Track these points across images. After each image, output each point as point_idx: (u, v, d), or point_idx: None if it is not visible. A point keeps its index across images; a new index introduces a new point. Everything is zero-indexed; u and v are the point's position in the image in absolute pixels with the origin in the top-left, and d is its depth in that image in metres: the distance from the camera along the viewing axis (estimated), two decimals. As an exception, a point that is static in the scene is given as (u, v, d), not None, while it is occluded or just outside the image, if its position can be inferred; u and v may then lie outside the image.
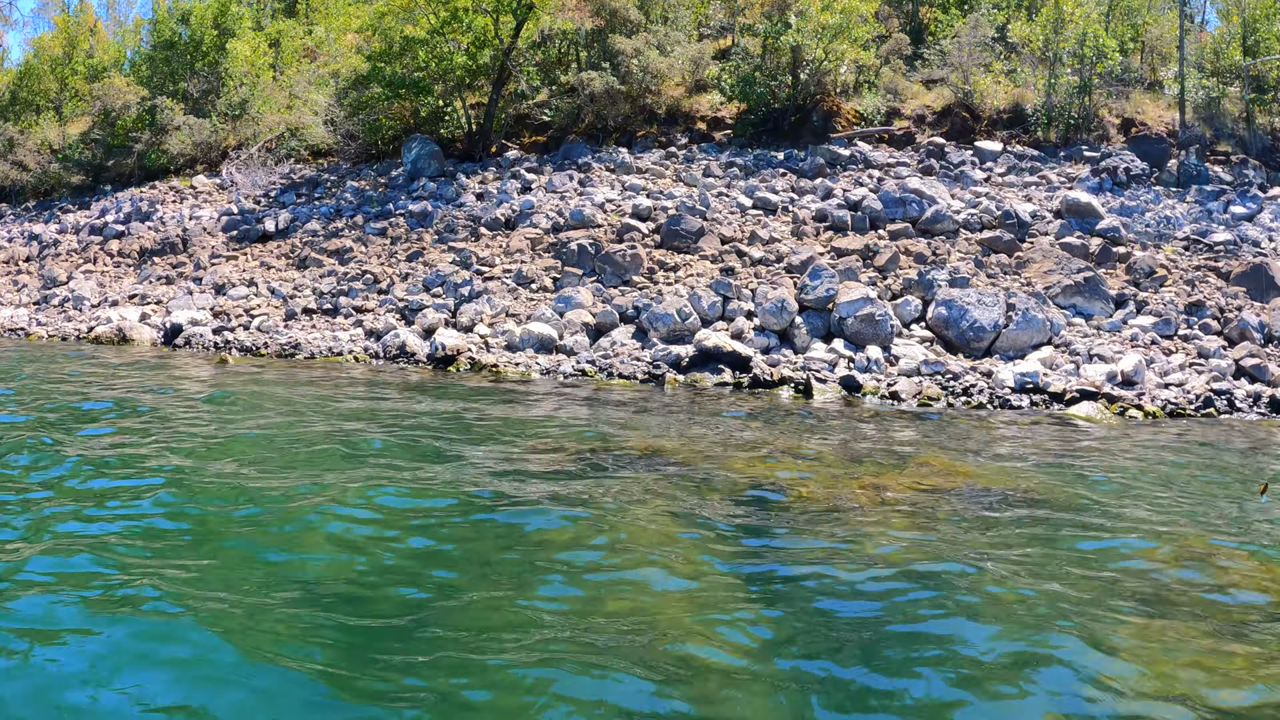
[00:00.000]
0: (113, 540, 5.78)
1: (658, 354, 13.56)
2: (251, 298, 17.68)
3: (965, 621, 5.04)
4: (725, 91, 23.07)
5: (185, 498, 6.70)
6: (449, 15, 22.04)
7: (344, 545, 5.87)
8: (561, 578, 5.44)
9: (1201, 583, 5.79)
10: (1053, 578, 5.72)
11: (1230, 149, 21.67)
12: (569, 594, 5.23)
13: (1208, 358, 14.06)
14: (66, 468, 7.41)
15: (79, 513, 6.29)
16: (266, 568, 5.48)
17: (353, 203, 21.34)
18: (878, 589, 5.45)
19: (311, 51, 30.14)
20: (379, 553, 5.77)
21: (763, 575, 5.66)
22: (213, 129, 25.84)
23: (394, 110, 23.56)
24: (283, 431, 9.00)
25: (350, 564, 5.59)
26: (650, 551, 5.88)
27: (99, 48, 32.94)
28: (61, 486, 6.92)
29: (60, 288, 20.41)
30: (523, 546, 5.97)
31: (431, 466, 7.80)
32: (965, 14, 25.64)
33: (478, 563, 5.68)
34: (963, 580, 5.58)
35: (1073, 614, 5.16)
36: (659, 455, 8.50)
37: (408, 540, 5.99)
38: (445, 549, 5.91)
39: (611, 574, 5.54)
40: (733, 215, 18.19)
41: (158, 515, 6.29)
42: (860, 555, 5.99)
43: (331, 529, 6.10)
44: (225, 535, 6.04)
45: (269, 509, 6.53)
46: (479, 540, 6.09)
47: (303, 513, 6.41)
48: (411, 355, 14.50)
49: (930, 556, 6.01)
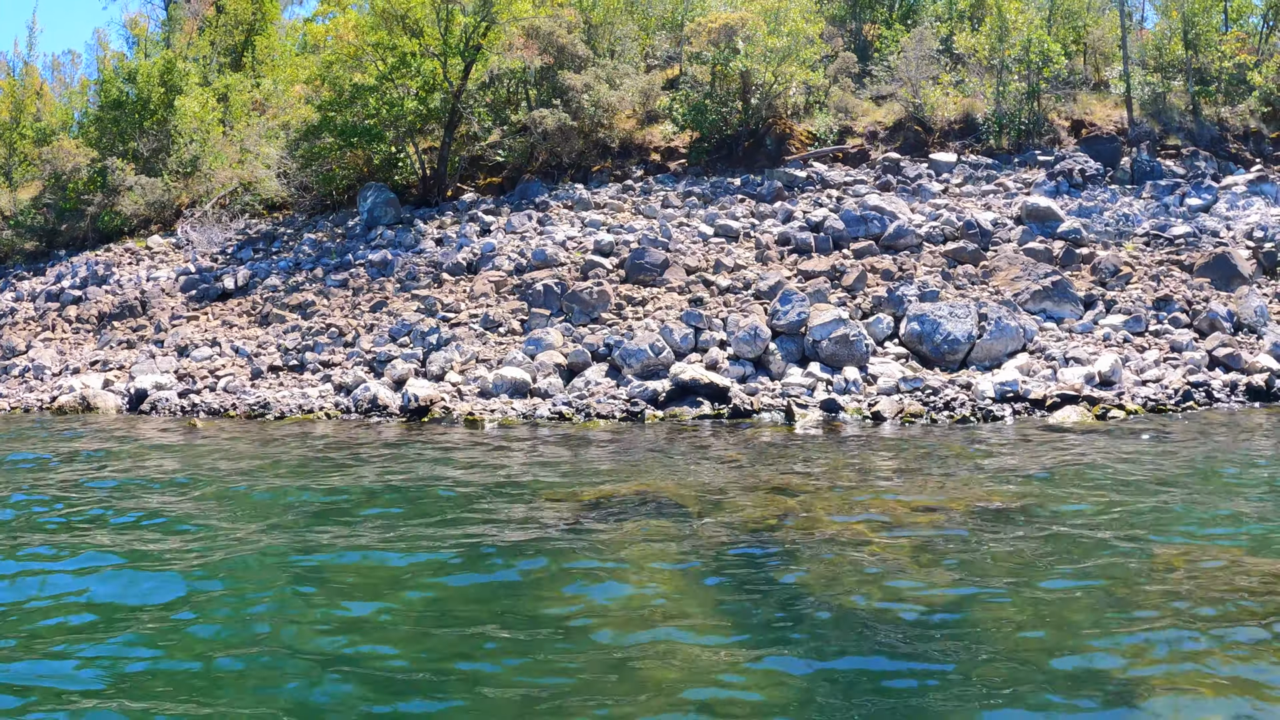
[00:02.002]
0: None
1: (634, 391, 13.41)
2: (216, 358, 17.33)
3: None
4: (677, 121, 23.09)
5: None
6: (397, 61, 21.90)
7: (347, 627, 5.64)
8: (574, 644, 5.24)
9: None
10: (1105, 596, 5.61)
11: (1180, 142, 21.97)
12: (593, 659, 5.03)
13: (1181, 351, 14.15)
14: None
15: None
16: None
17: (311, 255, 21.06)
18: (907, 631, 5.31)
19: (260, 104, 29.84)
20: (387, 627, 5.55)
21: (784, 627, 5.49)
22: (165, 188, 25.46)
23: (347, 159, 23.33)
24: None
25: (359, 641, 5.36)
26: (665, 609, 5.72)
27: (46, 111, 32.41)
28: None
29: (19, 357, 19.92)
30: (531, 611, 5.77)
31: (423, 531, 7.57)
32: (909, 29, 25.88)
33: (486, 634, 5.48)
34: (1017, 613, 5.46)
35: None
36: (652, 501, 8.33)
37: (414, 617, 5.77)
38: (456, 632, 5.70)
39: (628, 636, 5.34)
40: (695, 245, 18.13)
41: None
42: (881, 593, 5.85)
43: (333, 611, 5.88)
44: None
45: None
46: (488, 603, 5.89)
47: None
48: (384, 408, 14.23)
49: (954, 584, 5.88)
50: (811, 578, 6.19)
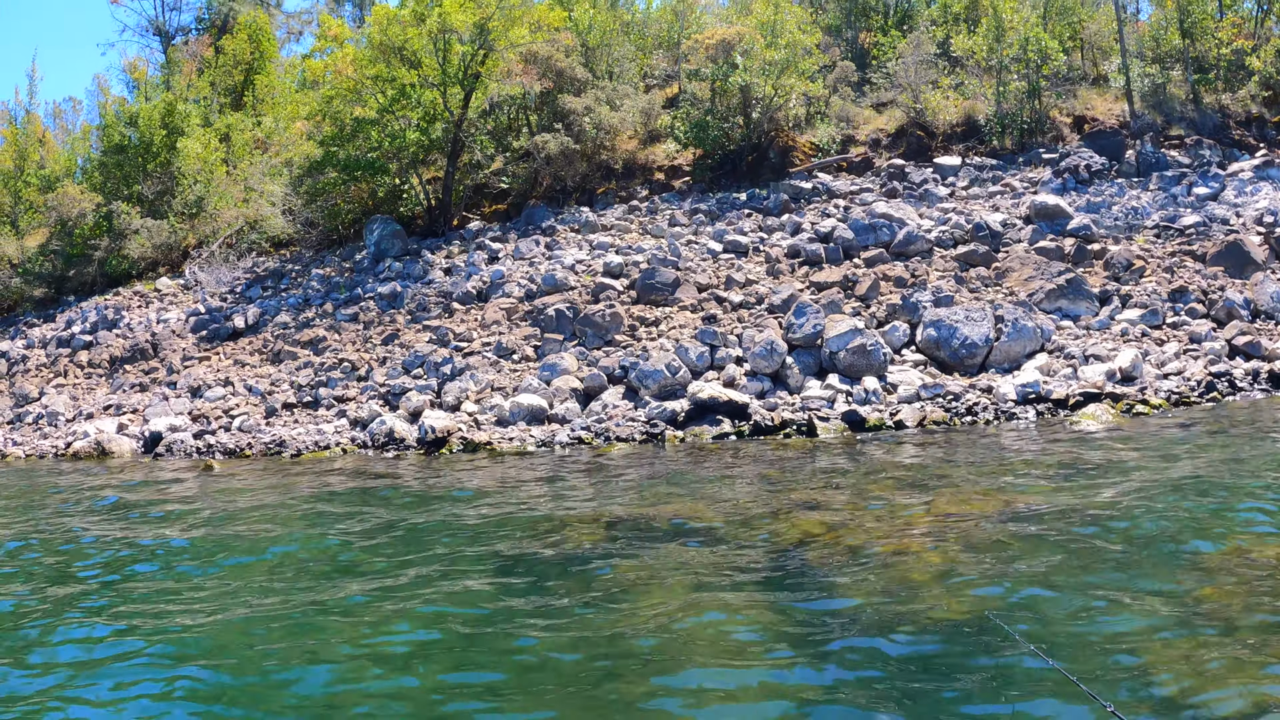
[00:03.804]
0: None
1: (652, 412, 13.32)
2: (229, 398, 17.29)
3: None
4: (679, 139, 23.08)
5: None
6: (397, 93, 21.95)
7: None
8: (621, 677, 5.16)
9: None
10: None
11: (1183, 132, 21.89)
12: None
13: (1200, 342, 14.03)
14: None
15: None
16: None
17: (320, 291, 21.06)
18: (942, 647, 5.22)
19: (263, 142, 29.94)
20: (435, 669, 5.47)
21: (837, 650, 5.39)
22: (171, 229, 25.53)
23: (351, 193, 23.36)
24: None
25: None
26: (710, 635, 5.63)
27: (50, 158, 32.59)
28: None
29: (33, 404, 19.91)
30: (574, 647, 5.69)
31: (453, 577, 7.49)
32: (905, 34, 25.88)
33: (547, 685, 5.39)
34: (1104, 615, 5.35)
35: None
36: (682, 523, 8.23)
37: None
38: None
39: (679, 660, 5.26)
40: (705, 262, 18.07)
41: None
42: (931, 602, 5.75)
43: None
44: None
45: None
46: (516, 633, 5.81)
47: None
48: (401, 441, 14.15)
49: (999, 587, 5.78)
50: (858, 594, 6.09)
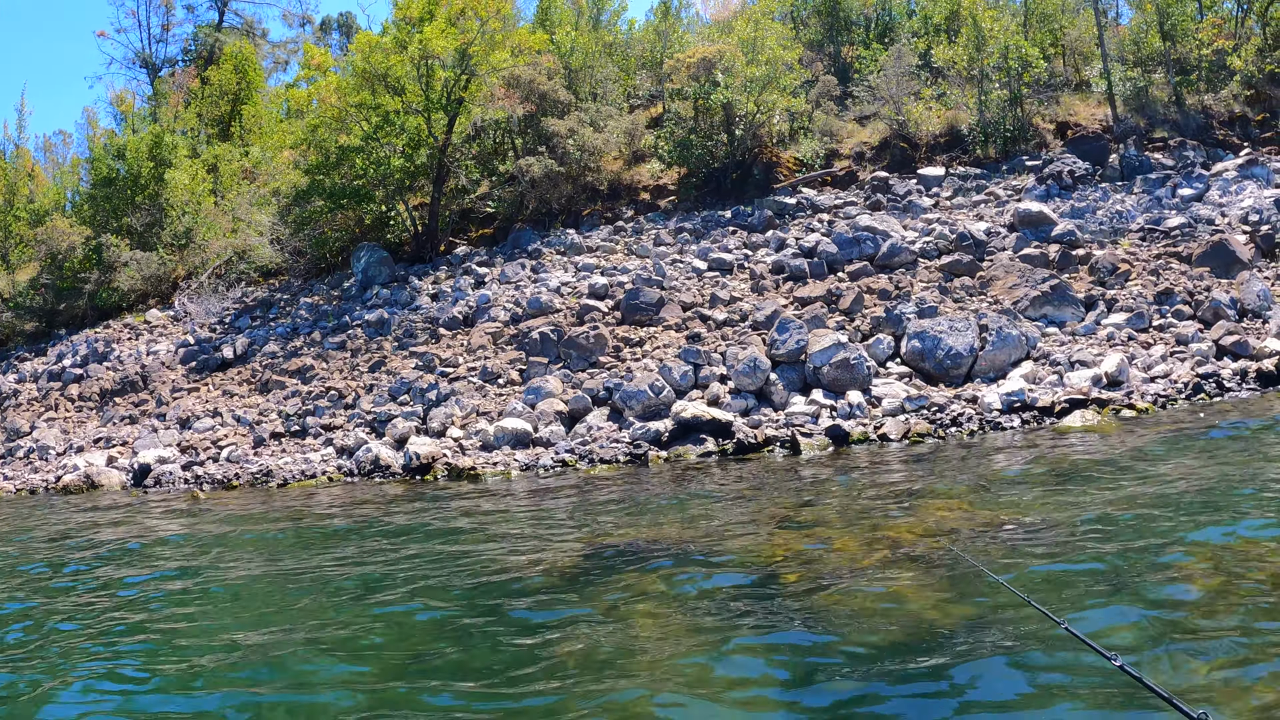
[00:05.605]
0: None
1: (636, 433, 13.26)
2: (217, 428, 17.26)
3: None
4: (663, 158, 23.12)
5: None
6: (381, 120, 22.00)
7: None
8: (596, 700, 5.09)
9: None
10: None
11: (1166, 134, 21.91)
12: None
13: (1187, 343, 13.97)
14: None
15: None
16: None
17: (308, 319, 21.05)
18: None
19: (250, 172, 30.03)
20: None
21: (807, 670, 5.32)
22: (160, 261, 25.56)
23: (338, 221, 23.40)
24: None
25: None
26: (678, 661, 5.56)
27: (39, 191, 32.70)
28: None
29: (24, 439, 19.89)
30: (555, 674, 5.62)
31: (434, 595, 7.43)
32: (887, 47, 25.95)
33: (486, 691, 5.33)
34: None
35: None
36: (660, 546, 8.17)
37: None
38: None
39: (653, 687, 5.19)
40: (690, 280, 18.05)
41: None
42: (906, 622, 5.69)
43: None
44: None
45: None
46: (491, 657, 5.74)
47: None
48: (386, 468, 14.10)
49: (977, 607, 5.71)
50: (832, 614, 6.02)
